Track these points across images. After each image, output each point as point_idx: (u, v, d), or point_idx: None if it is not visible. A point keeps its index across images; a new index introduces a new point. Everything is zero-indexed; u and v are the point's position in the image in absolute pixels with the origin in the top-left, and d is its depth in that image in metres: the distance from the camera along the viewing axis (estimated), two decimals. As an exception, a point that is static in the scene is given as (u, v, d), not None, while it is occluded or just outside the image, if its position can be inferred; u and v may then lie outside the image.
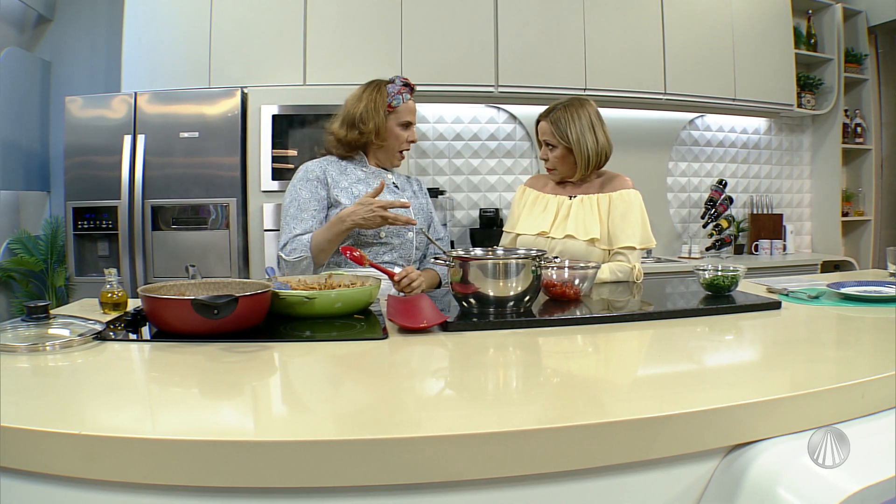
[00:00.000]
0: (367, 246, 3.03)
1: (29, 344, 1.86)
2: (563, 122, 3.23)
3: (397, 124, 3.15)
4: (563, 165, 3.30)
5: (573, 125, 3.22)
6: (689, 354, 1.97)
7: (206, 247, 4.86)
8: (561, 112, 3.26)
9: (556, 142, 3.25)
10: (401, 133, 3.16)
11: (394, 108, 3.13)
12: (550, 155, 3.31)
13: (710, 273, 2.69)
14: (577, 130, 3.22)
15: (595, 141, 3.23)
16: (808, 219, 7.53)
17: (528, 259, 2.30)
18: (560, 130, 3.23)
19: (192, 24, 5.22)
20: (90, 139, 4.82)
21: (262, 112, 4.93)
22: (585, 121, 3.24)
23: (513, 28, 5.70)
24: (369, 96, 3.14)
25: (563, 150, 3.25)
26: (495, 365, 1.90)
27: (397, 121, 3.15)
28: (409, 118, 3.17)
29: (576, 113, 3.25)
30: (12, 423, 1.22)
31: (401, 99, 3.14)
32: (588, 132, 3.23)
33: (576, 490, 1.30)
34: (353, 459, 1.18)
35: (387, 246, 3.06)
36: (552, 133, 3.26)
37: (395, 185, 3.25)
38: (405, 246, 3.11)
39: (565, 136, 3.22)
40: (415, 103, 3.23)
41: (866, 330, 2.17)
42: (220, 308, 1.93)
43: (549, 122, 3.28)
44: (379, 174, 3.21)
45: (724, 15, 6.36)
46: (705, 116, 6.93)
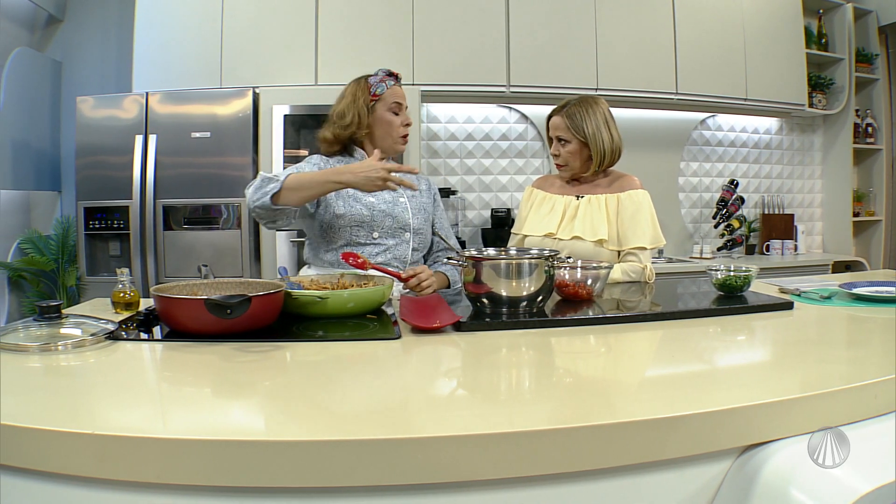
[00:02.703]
0: (359, 247, 2.98)
1: (41, 344, 1.86)
2: (578, 116, 3.23)
3: (386, 110, 3.09)
4: (575, 160, 3.28)
5: (589, 120, 3.22)
6: (701, 355, 1.97)
7: (218, 247, 4.86)
8: (576, 107, 3.25)
9: (571, 136, 3.24)
10: (393, 118, 3.10)
11: (379, 96, 3.08)
12: (563, 150, 3.29)
13: (722, 273, 2.69)
14: (593, 125, 3.22)
15: (610, 137, 3.24)
16: (820, 219, 7.51)
17: (541, 259, 2.30)
18: (575, 124, 3.22)
19: (204, 24, 5.23)
20: (101, 139, 4.83)
21: (274, 112, 4.94)
22: (600, 117, 3.24)
23: (524, 28, 5.70)
24: (350, 91, 3.11)
25: (578, 144, 3.24)
26: (508, 365, 1.90)
27: (385, 107, 3.08)
28: (397, 100, 3.10)
29: (590, 108, 3.25)
30: (25, 422, 1.23)
31: (384, 86, 3.09)
32: (603, 128, 3.23)
33: (589, 490, 1.30)
34: (366, 459, 1.18)
35: (380, 247, 3.00)
36: (567, 127, 3.25)
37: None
38: (400, 247, 3.06)
39: (581, 130, 3.21)
40: (402, 90, 3.16)
41: (878, 330, 2.16)
42: (234, 308, 1.93)
43: (564, 117, 3.27)
44: None
45: (735, 14, 6.35)
46: (717, 116, 6.92)
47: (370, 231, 2.99)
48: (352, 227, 2.97)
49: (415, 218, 3.11)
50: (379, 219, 3.00)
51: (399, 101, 3.11)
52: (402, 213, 3.07)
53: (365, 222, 2.98)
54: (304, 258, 3.20)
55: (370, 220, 2.98)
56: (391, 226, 3.02)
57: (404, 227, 3.07)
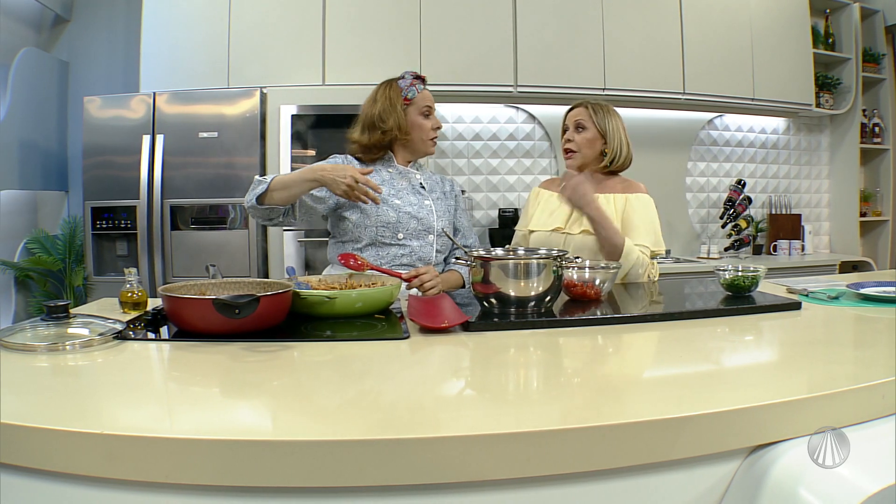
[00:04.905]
0: (384, 247, 3.01)
1: (49, 343, 1.86)
2: (601, 112, 3.31)
3: (418, 114, 3.14)
4: (589, 149, 3.31)
5: (610, 119, 3.31)
6: (709, 355, 1.97)
7: (225, 246, 4.87)
8: (597, 104, 3.35)
9: (591, 125, 3.29)
10: (424, 122, 3.15)
11: (410, 101, 3.13)
12: (578, 136, 3.31)
13: (730, 273, 2.68)
14: (614, 125, 3.30)
15: (626, 144, 3.34)
16: (827, 219, 7.50)
17: (550, 259, 2.30)
18: (599, 117, 3.29)
19: (211, 24, 5.24)
20: (109, 139, 4.84)
21: (282, 112, 4.94)
22: (620, 122, 3.35)
23: (532, 28, 5.69)
24: (383, 95, 3.14)
25: (595, 133, 3.29)
26: (516, 365, 1.89)
27: (418, 111, 3.14)
28: (427, 103, 3.16)
29: (612, 111, 3.34)
30: (33, 422, 1.23)
31: (415, 90, 3.13)
32: (622, 131, 3.33)
33: (597, 490, 1.30)
34: (374, 459, 1.18)
35: (405, 248, 3.03)
36: (590, 117, 3.30)
37: (423, 184, 3.21)
38: (424, 249, 3.08)
39: (602, 123, 3.28)
40: (429, 93, 3.21)
41: (886, 331, 2.15)
42: (242, 308, 1.93)
43: (588, 108, 3.33)
44: (406, 174, 3.19)
45: (743, 14, 6.34)
46: (724, 116, 6.91)
47: (395, 232, 3.02)
48: (378, 227, 3.00)
49: (439, 221, 3.14)
50: (405, 220, 3.03)
51: (429, 105, 3.18)
52: (427, 215, 3.10)
53: (391, 223, 3.01)
54: (328, 258, 3.23)
55: (395, 222, 3.01)
56: (416, 228, 3.05)
57: (428, 229, 3.10)
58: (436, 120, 3.19)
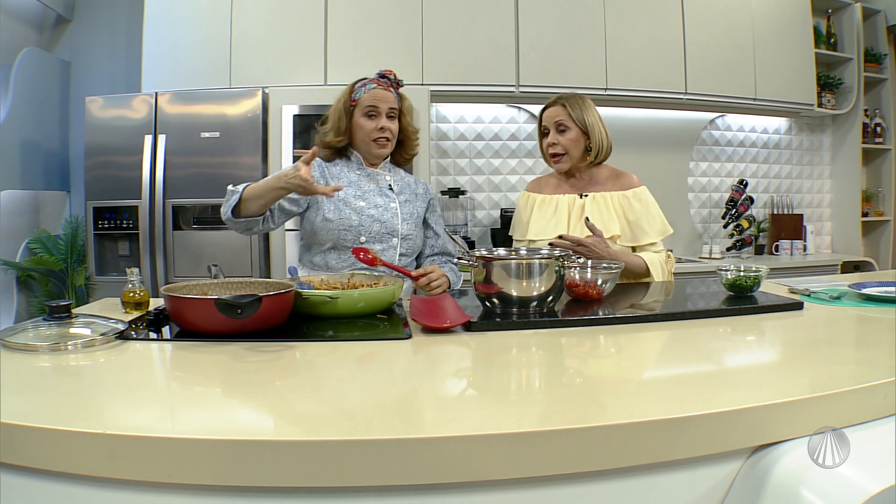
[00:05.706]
0: (347, 250, 2.98)
1: (51, 343, 1.86)
2: (577, 107, 3.24)
3: (362, 115, 3.06)
4: (575, 149, 3.26)
5: (588, 112, 3.25)
6: (711, 355, 1.97)
7: (227, 246, 4.87)
8: (572, 100, 3.27)
9: (572, 124, 3.23)
10: (366, 123, 3.06)
11: (356, 101, 3.08)
12: (562, 138, 3.26)
13: (732, 273, 2.68)
14: (592, 117, 3.25)
15: (605, 133, 3.29)
16: (829, 219, 7.49)
17: (552, 259, 2.30)
18: (576, 113, 3.23)
19: (213, 24, 5.24)
20: (111, 139, 4.84)
21: (284, 112, 4.94)
22: (595, 113, 3.29)
23: (533, 28, 5.69)
24: (340, 95, 3.14)
25: (578, 132, 3.24)
26: (518, 365, 1.89)
27: (361, 111, 3.07)
28: (372, 104, 3.05)
29: (586, 103, 3.28)
30: (35, 422, 1.23)
31: (363, 90, 3.07)
32: (599, 122, 3.28)
33: (600, 490, 1.30)
34: (376, 459, 1.18)
35: None
36: (568, 115, 3.24)
37: (391, 186, 3.16)
38: (387, 252, 3.03)
39: (581, 119, 3.22)
40: (387, 92, 3.10)
41: (888, 330, 2.15)
42: (244, 308, 1.94)
43: (563, 106, 3.26)
44: (374, 175, 3.14)
45: (745, 14, 6.33)
46: (726, 116, 6.90)
47: (357, 235, 2.98)
48: (340, 230, 2.97)
49: (404, 224, 3.09)
50: (367, 224, 2.99)
51: (375, 105, 3.06)
52: (391, 218, 3.06)
53: (353, 226, 2.97)
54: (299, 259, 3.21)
55: (357, 225, 2.98)
56: (379, 231, 3.01)
57: (392, 232, 3.05)
58: (381, 121, 3.07)
